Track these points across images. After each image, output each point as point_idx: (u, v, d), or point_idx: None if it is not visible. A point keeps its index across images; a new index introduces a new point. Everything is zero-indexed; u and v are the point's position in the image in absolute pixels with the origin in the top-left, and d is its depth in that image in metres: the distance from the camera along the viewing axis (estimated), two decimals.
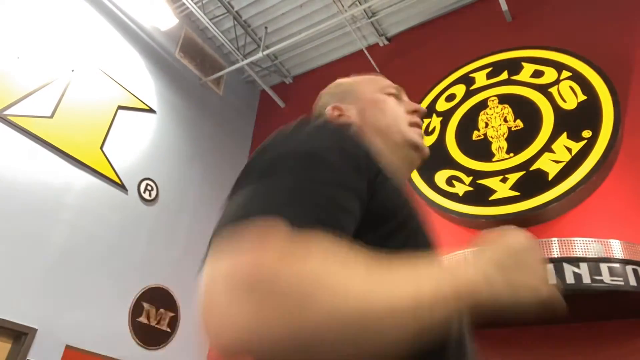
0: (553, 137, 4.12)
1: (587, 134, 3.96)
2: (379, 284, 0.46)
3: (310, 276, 0.43)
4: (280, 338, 0.41)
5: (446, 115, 4.87)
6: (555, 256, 3.22)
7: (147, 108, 5.36)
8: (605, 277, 2.98)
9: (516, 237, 0.65)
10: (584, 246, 3.23)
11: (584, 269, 3.03)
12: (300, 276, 0.42)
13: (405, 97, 0.97)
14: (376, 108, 0.90)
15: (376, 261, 0.48)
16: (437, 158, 4.62)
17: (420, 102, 5.14)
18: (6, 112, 4.03)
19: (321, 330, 0.41)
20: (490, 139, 4.46)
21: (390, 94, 0.94)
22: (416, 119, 0.92)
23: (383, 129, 0.87)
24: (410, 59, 5.73)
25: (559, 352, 3.43)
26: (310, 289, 0.42)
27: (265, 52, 5.93)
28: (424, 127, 4.95)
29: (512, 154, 4.25)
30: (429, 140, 4.82)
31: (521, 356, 3.52)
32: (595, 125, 3.96)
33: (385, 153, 0.80)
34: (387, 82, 0.97)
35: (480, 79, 4.87)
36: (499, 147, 4.37)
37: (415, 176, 4.65)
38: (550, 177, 3.94)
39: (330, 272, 0.44)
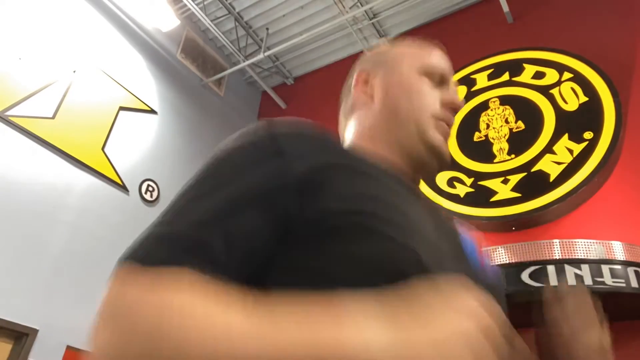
0: (554, 139, 4.11)
1: (588, 135, 3.96)
2: (237, 334, 0.41)
3: (162, 311, 0.42)
4: None
5: None
6: (557, 258, 3.22)
7: (149, 109, 5.36)
8: (607, 279, 2.98)
9: (461, 298, 0.45)
10: (586, 248, 3.23)
11: (585, 271, 3.02)
12: (151, 310, 0.42)
13: (451, 85, 0.79)
14: (403, 88, 0.75)
15: (245, 308, 0.43)
16: None
17: None
18: (8, 113, 4.04)
19: None
20: (492, 140, 4.46)
21: (431, 76, 0.76)
22: (447, 114, 0.74)
23: (401, 116, 0.73)
24: None
25: None
26: (159, 322, 0.42)
27: (267, 53, 5.94)
28: None
29: (513, 156, 4.25)
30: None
31: None
32: (596, 127, 3.95)
33: (392, 144, 0.72)
34: (438, 59, 0.79)
35: (482, 80, 4.87)
36: (500, 148, 4.37)
37: None
38: (551, 179, 3.93)
39: (186, 310, 0.42)
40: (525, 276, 3.13)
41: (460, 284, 0.46)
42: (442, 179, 4.48)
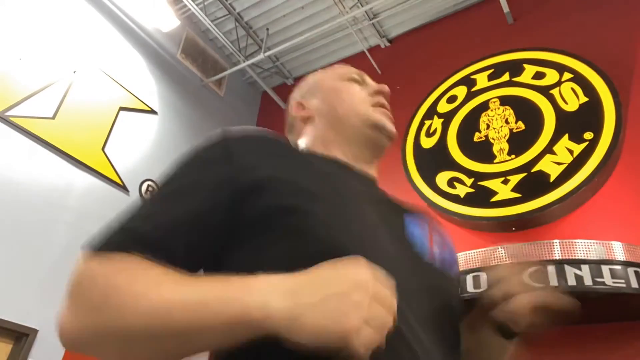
0: (554, 139, 4.11)
1: (588, 135, 3.96)
2: (163, 294, 0.50)
3: (110, 284, 0.53)
4: (91, 334, 0.52)
5: (447, 117, 4.87)
6: (557, 258, 3.22)
7: (149, 109, 5.36)
8: (607, 279, 2.97)
9: (352, 269, 0.49)
10: (586, 248, 3.23)
11: (585, 271, 3.02)
12: (101, 284, 0.53)
13: (369, 81, 0.91)
14: (335, 96, 0.87)
15: (177, 276, 0.52)
16: (439, 159, 4.62)
17: (421, 103, 5.13)
18: (8, 113, 4.04)
19: (114, 332, 0.51)
20: (492, 141, 4.46)
21: (351, 80, 0.89)
22: (380, 99, 0.86)
23: (341, 116, 0.83)
24: (412, 60, 5.73)
25: (560, 354, 3.42)
26: (107, 293, 0.52)
27: (267, 54, 5.94)
28: (425, 128, 4.94)
29: (513, 156, 4.25)
30: (431, 142, 4.82)
31: (521, 357, 3.51)
32: (596, 127, 3.95)
33: (341, 143, 0.81)
34: (348, 68, 0.93)
35: (482, 80, 4.87)
36: (501, 148, 4.37)
37: (416, 177, 4.64)
38: (551, 179, 3.93)
39: (127, 281, 0.52)
40: (525, 277, 3.12)
41: (357, 260, 0.51)
42: (442, 179, 4.48)
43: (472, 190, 4.28)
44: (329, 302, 0.46)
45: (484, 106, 4.71)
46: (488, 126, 4.57)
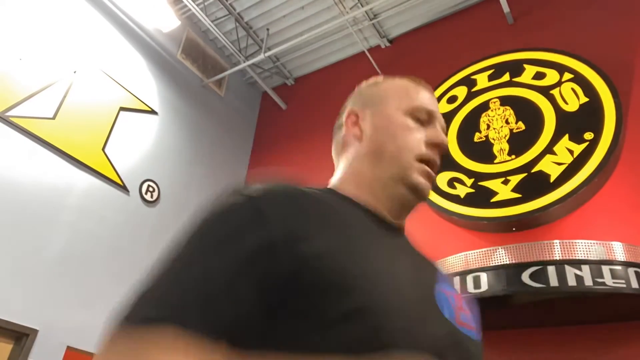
0: (555, 139, 4.11)
1: (589, 135, 3.96)
2: None
3: None
4: None
5: (448, 117, 4.87)
6: (557, 258, 3.22)
7: (149, 109, 5.37)
8: (607, 280, 2.97)
9: None
10: (586, 248, 3.22)
11: (585, 272, 3.02)
12: None
13: (437, 125, 0.81)
14: (389, 129, 0.77)
15: None
16: None
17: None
18: (8, 113, 4.04)
19: None
20: (492, 141, 4.46)
21: (416, 118, 0.79)
22: (430, 154, 0.77)
23: (386, 157, 0.76)
24: (412, 60, 5.73)
25: (560, 354, 3.42)
26: None
27: (267, 54, 5.94)
28: None
29: (513, 156, 4.25)
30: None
31: (522, 358, 3.51)
32: (597, 127, 3.95)
33: (374, 187, 0.75)
34: (423, 100, 0.81)
35: (482, 80, 4.87)
36: (501, 149, 4.37)
37: None
38: (552, 179, 3.93)
39: None
40: (525, 277, 3.12)
41: None
42: (442, 179, 4.48)
43: (472, 190, 4.28)
44: None
45: (484, 106, 4.71)
46: (488, 126, 4.57)
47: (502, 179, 4.17)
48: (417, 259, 0.73)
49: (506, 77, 4.72)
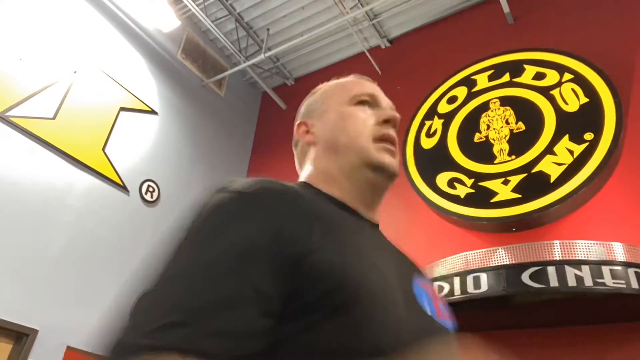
0: (555, 140, 4.11)
1: (589, 136, 3.96)
2: None
3: None
4: None
5: (448, 118, 4.87)
6: (557, 259, 3.22)
7: (149, 109, 5.37)
8: (607, 280, 2.97)
9: None
10: (586, 249, 3.22)
11: (585, 272, 3.02)
12: None
13: (382, 102, 0.82)
14: (338, 124, 0.79)
15: None
16: (439, 160, 4.62)
17: (421, 104, 5.13)
18: (9, 113, 4.04)
19: None
20: (492, 141, 4.46)
21: (360, 102, 0.80)
22: (386, 130, 0.77)
23: (342, 150, 0.76)
24: (412, 61, 5.73)
25: (560, 355, 3.42)
26: None
27: (267, 54, 5.94)
28: (425, 128, 4.94)
29: (513, 156, 4.25)
30: (431, 143, 4.82)
31: (522, 358, 3.51)
32: (597, 128, 3.95)
33: (342, 181, 0.74)
34: (361, 87, 0.83)
35: (482, 81, 4.87)
36: (501, 149, 4.36)
37: (417, 178, 4.64)
38: (552, 180, 3.93)
39: None
40: (525, 277, 3.12)
41: None
42: (442, 179, 4.48)
43: (473, 190, 4.28)
44: None
45: (484, 107, 4.71)
46: (488, 127, 4.57)
47: (502, 179, 4.17)
48: (395, 253, 0.74)
49: (506, 78, 4.72)
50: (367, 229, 0.73)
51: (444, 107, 4.97)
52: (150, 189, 5.08)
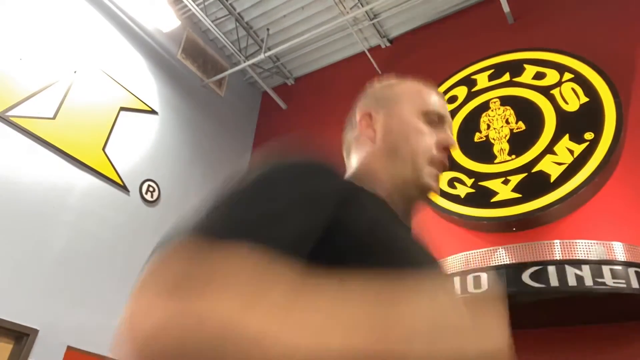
0: (555, 139, 4.11)
1: (589, 135, 3.96)
2: (300, 332, 0.38)
3: (220, 325, 0.37)
4: None
5: None
6: (558, 258, 3.22)
7: (149, 109, 5.37)
8: (608, 280, 2.97)
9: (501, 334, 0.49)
10: (586, 248, 3.22)
11: (586, 271, 3.02)
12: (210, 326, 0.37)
13: (447, 128, 0.84)
14: (403, 132, 0.80)
15: (308, 291, 0.42)
16: None
17: None
18: (9, 113, 4.04)
19: None
20: (492, 141, 4.46)
21: (429, 120, 0.82)
22: (441, 157, 0.81)
23: (399, 158, 0.78)
24: (412, 60, 5.73)
25: (560, 355, 3.42)
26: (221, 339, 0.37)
27: (267, 54, 5.94)
28: None
29: (514, 156, 4.25)
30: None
31: (522, 358, 3.51)
32: (597, 127, 3.95)
33: (387, 187, 0.77)
34: (434, 104, 0.84)
35: (482, 80, 4.87)
36: (501, 149, 4.37)
37: None
38: (552, 179, 3.93)
39: (246, 319, 0.38)
40: (525, 277, 3.12)
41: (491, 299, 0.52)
42: (442, 179, 4.47)
43: (473, 190, 4.28)
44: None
45: (484, 106, 4.71)
46: (488, 126, 4.57)
47: (503, 179, 4.17)
48: (430, 254, 0.79)
49: (506, 77, 4.72)
50: (405, 227, 0.78)
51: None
52: (151, 189, 5.08)
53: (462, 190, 4.32)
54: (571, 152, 3.98)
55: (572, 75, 4.33)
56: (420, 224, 0.84)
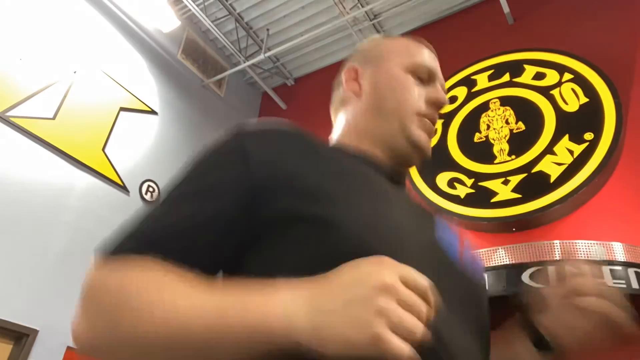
0: (555, 140, 4.11)
1: (589, 136, 3.96)
2: (179, 306, 0.49)
3: (124, 291, 0.52)
4: (105, 343, 0.52)
5: (448, 117, 4.87)
6: (558, 259, 3.22)
7: (149, 110, 5.37)
8: (608, 280, 2.97)
9: (376, 270, 0.45)
10: (586, 249, 3.22)
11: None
12: (114, 291, 0.53)
13: (437, 80, 0.81)
14: (389, 85, 0.77)
15: (193, 282, 0.51)
16: (439, 160, 4.62)
17: None
18: (8, 114, 4.04)
19: (129, 341, 0.50)
20: (492, 141, 4.46)
21: (417, 76, 0.79)
22: (430, 111, 0.77)
23: (386, 112, 0.75)
24: None
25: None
26: (121, 301, 0.51)
27: (267, 54, 5.94)
28: None
29: (513, 156, 4.25)
30: (431, 142, 4.82)
31: None
32: (597, 128, 3.95)
33: (375, 143, 0.75)
34: (423, 58, 0.80)
35: (482, 81, 4.87)
36: (501, 149, 4.37)
37: (416, 178, 4.64)
38: (552, 180, 3.93)
39: (141, 288, 0.51)
40: (525, 277, 3.12)
41: (381, 260, 0.47)
42: (442, 179, 4.48)
43: (473, 190, 4.28)
44: (351, 308, 0.42)
45: (484, 107, 4.71)
46: (488, 127, 4.57)
47: (502, 179, 4.17)
48: (413, 207, 0.72)
49: (506, 78, 4.72)
50: (388, 180, 0.71)
51: (443, 107, 4.97)
52: (150, 189, 5.08)
53: (461, 191, 4.32)
54: (571, 152, 3.98)
55: (572, 76, 4.33)
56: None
